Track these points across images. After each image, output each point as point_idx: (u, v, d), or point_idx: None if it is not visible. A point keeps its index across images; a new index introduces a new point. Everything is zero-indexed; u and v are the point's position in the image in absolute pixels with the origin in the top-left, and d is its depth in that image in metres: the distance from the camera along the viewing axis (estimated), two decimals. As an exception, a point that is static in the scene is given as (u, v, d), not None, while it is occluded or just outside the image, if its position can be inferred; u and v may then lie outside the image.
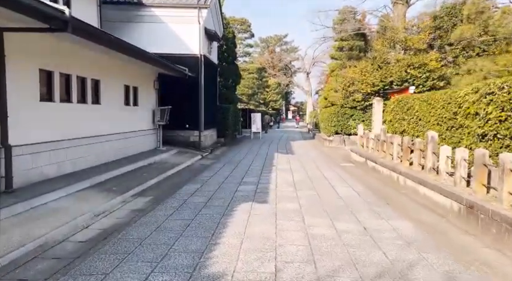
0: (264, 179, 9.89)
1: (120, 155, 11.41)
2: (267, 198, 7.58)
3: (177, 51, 15.92)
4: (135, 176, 9.66)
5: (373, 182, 9.65)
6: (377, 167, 10.82)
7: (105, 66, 10.49)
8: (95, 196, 7.33)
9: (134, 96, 12.87)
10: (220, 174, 10.77)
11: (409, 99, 11.68)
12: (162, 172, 10.60)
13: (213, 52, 19.73)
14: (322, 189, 8.56)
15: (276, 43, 67.30)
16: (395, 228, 5.60)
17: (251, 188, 8.66)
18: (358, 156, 13.27)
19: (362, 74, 19.88)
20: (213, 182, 9.49)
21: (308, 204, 7.07)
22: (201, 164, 13.15)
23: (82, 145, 9.20)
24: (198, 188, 8.72)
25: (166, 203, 7.22)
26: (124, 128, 11.78)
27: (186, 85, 16.16)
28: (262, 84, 45.05)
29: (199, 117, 16.75)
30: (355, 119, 20.61)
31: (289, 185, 9.06)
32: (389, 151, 10.64)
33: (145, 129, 13.75)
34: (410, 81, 18.39)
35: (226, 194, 7.97)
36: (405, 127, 11.77)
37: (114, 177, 9.22)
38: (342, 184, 9.33)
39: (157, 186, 9.02)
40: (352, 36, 33.82)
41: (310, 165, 12.79)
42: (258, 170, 11.57)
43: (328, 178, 10.21)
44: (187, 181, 9.61)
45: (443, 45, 20.11)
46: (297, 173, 10.82)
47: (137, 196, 7.88)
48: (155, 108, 14.60)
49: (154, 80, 14.75)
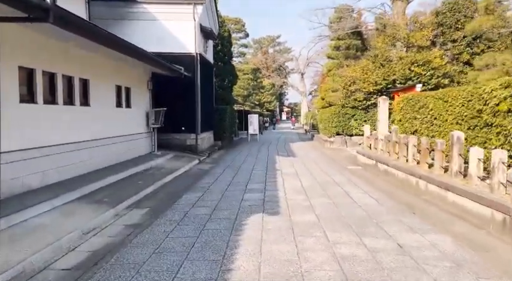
0: (270, 185, 9.09)
1: (113, 161, 10.53)
2: (278, 208, 6.77)
3: (172, 50, 15.05)
4: (129, 184, 8.80)
5: (388, 187, 8.89)
6: (390, 170, 10.08)
7: (95, 64, 9.62)
8: (83, 210, 6.47)
9: (127, 98, 12.01)
10: (221, 180, 9.94)
11: (421, 97, 10.97)
12: (159, 178, 9.75)
13: (209, 51, 18.91)
14: (336, 196, 7.78)
15: (269, 44, 66.61)
16: (434, 244, 4.83)
17: (258, 196, 7.85)
18: (366, 158, 12.52)
19: (363, 72, 19.18)
20: (215, 189, 8.66)
21: (326, 215, 6.27)
22: (199, 169, 12.31)
23: (69, 151, 8.32)
24: (200, 197, 7.88)
25: (166, 216, 6.38)
26: (116, 131, 10.91)
27: (181, 85, 15.30)
28: (257, 85, 44.30)
29: (196, 119, 15.90)
30: (357, 119, 19.92)
31: (299, 192, 8.27)
32: (403, 153, 9.89)
33: (139, 132, 12.88)
34: (414, 79, 17.76)
35: (231, 204, 7.15)
36: (417, 127, 11.05)
37: (106, 186, 8.35)
38: (356, 189, 8.56)
39: (154, 195, 8.17)
40: (349, 35, 33.18)
41: (315, 168, 12.02)
42: (261, 175, 10.76)
43: (339, 182, 9.44)
44: (187, 189, 8.78)
45: (446, 41, 19.51)
46: (304, 178, 10.03)
47: (132, 208, 7.03)
48: (149, 110, 13.74)
49: (148, 80, 13.89)
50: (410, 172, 8.67)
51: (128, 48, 8.98)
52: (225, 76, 22.10)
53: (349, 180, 9.85)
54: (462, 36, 18.69)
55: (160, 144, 14.87)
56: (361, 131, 19.84)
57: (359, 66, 20.21)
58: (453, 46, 19.27)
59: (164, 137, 15.48)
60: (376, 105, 19.56)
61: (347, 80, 20.28)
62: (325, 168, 12.18)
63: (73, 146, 8.48)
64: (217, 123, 19.58)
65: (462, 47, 18.96)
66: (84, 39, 7.33)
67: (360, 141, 19.89)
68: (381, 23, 24.95)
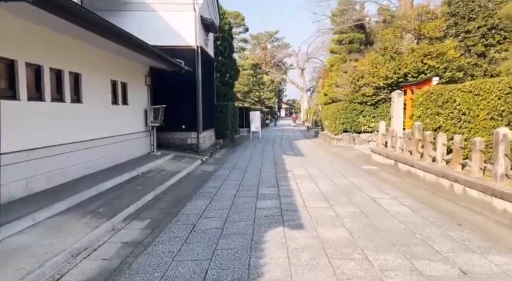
0: (284, 189, 8.15)
1: (108, 164, 9.57)
2: (299, 220, 5.84)
3: (171, 43, 14.06)
4: (126, 190, 7.85)
5: (417, 191, 7.97)
6: (414, 171, 9.16)
7: (87, 56, 8.64)
8: (73, 224, 5.52)
9: (123, 94, 11.02)
10: (228, 184, 9.00)
11: (445, 91, 10.04)
12: (160, 183, 8.80)
13: (210, 44, 17.91)
14: (363, 203, 6.85)
15: (267, 40, 65.62)
16: (506, 270, 3.91)
17: (273, 203, 6.92)
18: (383, 157, 11.60)
19: (373, 66, 18.23)
20: (223, 195, 7.72)
21: (358, 228, 5.34)
22: (202, 170, 11.36)
23: (58, 154, 7.36)
24: (207, 205, 6.94)
25: (170, 231, 5.44)
26: (112, 131, 9.94)
27: (181, 81, 14.34)
28: (257, 81, 43.27)
29: (197, 116, 14.93)
30: (366, 115, 19.00)
31: (319, 198, 7.34)
32: (429, 152, 8.98)
33: (137, 131, 11.91)
34: (427, 72, 16.83)
35: (244, 214, 6.21)
36: (441, 123, 10.12)
37: (100, 193, 7.39)
38: (382, 194, 7.64)
39: (155, 203, 7.22)
40: (352, 29, 32.27)
41: (329, 169, 11.09)
42: (271, 177, 9.83)
43: (360, 186, 8.52)
44: (191, 195, 7.83)
45: (459, 32, 18.57)
46: (320, 181, 9.10)
47: (130, 220, 6.09)
48: (148, 108, 12.76)
49: (146, 75, 12.90)
50: (442, 173, 7.75)
51: (123, 37, 8.00)
52: (226, 71, 21.11)
53: (370, 183, 8.93)
54: (477, 27, 17.75)
55: (160, 143, 13.93)
56: (369, 128, 18.99)
57: (367, 60, 19.26)
58: (466, 37, 18.34)
59: (164, 136, 14.55)
60: (385, 100, 18.69)
61: (355, 75, 19.34)
62: (339, 168, 11.26)
63: (63, 148, 7.51)
64: (218, 121, 18.62)
65: (477, 38, 18.02)
66: (74, 26, 6.37)
67: (369, 138, 19.04)
68: (388, 15, 23.95)
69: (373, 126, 18.89)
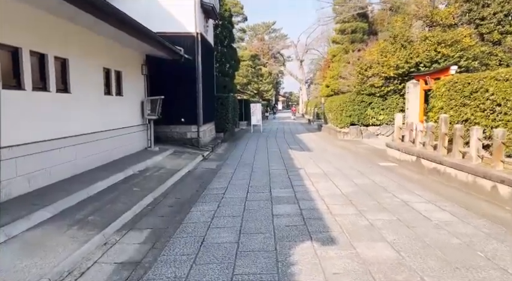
0: (301, 191, 7.20)
1: (101, 161, 8.57)
2: (328, 231, 4.89)
3: (169, 30, 12.97)
4: (121, 192, 6.86)
5: (451, 192, 7.04)
6: (442, 170, 8.24)
7: (76, 39, 7.59)
8: (57, 238, 4.55)
9: (117, 84, 9.98)
10: (235, 184, 8.04)
11: (474, 80, 9.08)
12: (159, 183, 7.82)
13: (209, 32, 16.83)
14: (396, 209, 5.91)
15: (265, 31, 64.35)
16: None
17: (292, 209, 5.97)
18: (402, 153, 10.68)
19: (382, 55, 17.24)
20: (232, 198, 6.76)
21: (405, 245, 4.40)
22: (205, 168, 10.39)
23: (42, 152, 6.35)
24: (215, 211, 5.98)
25: (174, 247, 4.48)
26: (105, 124, 8.93)
27: (180, 71, 13.31)
28: (256, 73, 42.12)
29: (198, 109, 13.92)
30: (374, 107, 18.05)
31: (343, 201, 6.40)
32: (459, 148, 8.06)
33: (133, 125, 10.89)
34: (441, 61, 15.88)
35: (261, 223, 5.26)
36: (469, 115, 9.18)
37: (90, 197, 6.40)
38: (412, 196, 6.71)
39: (154, 208, 6.25)
40: (355, 18, 31.20)
41: (343, 166, 10.16)
42: (282, 175, 8.88)
43: (384, 186, 7.60)
44: (196, 198, 6.87)
45: (474, 19, 17.58)
46: (338, 180, 8.17)
47: (126, 231, 5.12)
48: (144, 99, 11.72)
49: (142, 64, 11.84)
50: (482, 173, 6.82)
51: (117, 16, 6.95)
52: (226, 61, 20.02)
53: (394, 182, 8.01)
54: (492, 13, 16.78)
55: (157, 138, 12.93)
56: (378, 120, 18.07)
57: (375, 49, 18.26)
58: (481, 24, 17.36)
59: (161, 130, 13.56)
60: (395, 91, 17.75)
61: (363, 64, 18.35)
62: (354, 165, 10.33)
63: (47, 144, 6.50)
64: (219, 114, 17.61)
65: (492, 25, 17.05)
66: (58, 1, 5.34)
67: (377, 132, 18.12)
68: (395, 1, 22.90)
69: (381, 119, 17.97)
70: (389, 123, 17.99)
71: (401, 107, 17.77)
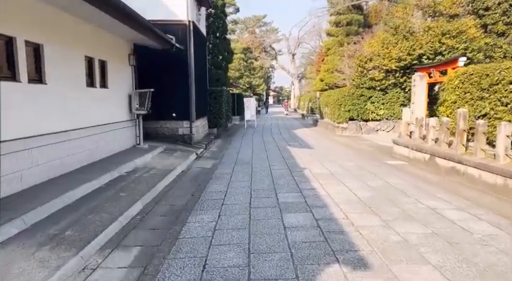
0: (311, 196, 6.37)
1: (83, 162, 7.62)
2: (356, 251, 4.06)
3: (158, 17, 11.93)
4: (105, 199, 5.94)
5: (479, 196, 6.28)
6: (463, 170, 7.49)
7: (52, 22, 6.60)
8: (21, 263, 3.64)
9: (102, 74, 8.99)
10: (236, 186, 7.18)
11: (494, 71, 8.35)
12: (149, 186, 6.91)
13: (202, 21, 15.83)
14: (426, 218, 5.12)
15: (255, 24, 63.14)
16: None
17: (305, 219, 5.13)
18: (411, 150, 9.92)
19: (384, 46, 16.46)
20: (234, 205, 5.90)
21: (454, 269, 3.59)
22: (200, 167, 9.50)
23: (12, 153, 5.39)
24: (216, 221, 5.11)
25: (170, 273, 3.62)
26: (88, 120, 7.97)
27: (171, 61, 12.36)
28: (248, 66, 41.09)
29: (190, 103, 12.97)
30: (374, 101, 17.32)
31: (362, 208, 5.59)
32: (482, 145, 7.31)
33: (120, 120, 9.93)
34: (445, 53, 15.17)
35: (273, 239, 4.40)
36: (487, 110, 8.46)
37: (68, 206, 5.47)
38: (438, 202, 5.93)
39: (144, 219, 5.35)
40: (350, 9, 30.37)
41: (350, 165, 9.36)
42: (286, 177, 8.04)
43: (401, 188, 6.81)
44: (192, 205, 5.99)
45: (478, 10, 16.90)
46: (349, 182, 7.36)
47: (110, 249, 4.23)
48: (132, 92, 10.73)
49: (130, 54, 10.83)
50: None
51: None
52: (218, 53, 19.02)
53: (410, 183, 7.23)
54: (497, 3, 16.10)
55: (147, 134, 11.99)
56: (378, 115, 17.36)
57: (376, 40, 17.48)
58: (485, 15, 16.69)
59: (151, 126, 12.60)
60: (396, 85, 17.03)
61: (362, 57, 17.56)
62: (361, 164, 9.55)
63: (17, 144, 5.54)
64: (212, 108, 16.67)
65: (497, 16, 16.40)
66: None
67: (377, 127, 17.43)
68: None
69: (381, 114, 17.26)
70: (389, 118, 17.30)
71: (402, 101, 17.09)
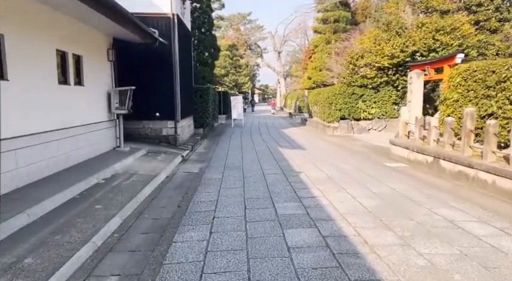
0: (313, 206, 5.70)
1: (55, 168, 6.79)
2: (378, 278, 3.41)
3: (140, 10, 11.12)
4: (78, 213, 5.15)
5: (503, 207, 5.69)
6: (472, 174, 6.94)
7: (16, 10, 5.74)
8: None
9: (77, 70, 8.14)
10: (227, 195, 6.46)
11: (501, 67, 7.83)
12: (129, 196, 6.13)
13: (186, 15, 15.02)
14: (449, 234, 4.51)
15: (240, 21, 62.32)
16: None
17: (311, 237, 4.44)
18: (411, 152, 9.38)
19: (376, 43, 15.96)
20: (227, 219, 5.18)
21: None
22: (186, 172, 8.74)
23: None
24: (207, 241, 4.38)
25: (152, 317, 2.88)
26: (61, 121, 7.13)
27: (154, 57, 11.57)
28: (234, 64, 40.26)
29: (175, 102, 12.17)
30: (365, 100, 16.82)
31: (373, 222, 4.94)
32: (493, 148, 6.78)
33: (98, 121, 9.08)
34: (439, 50, 14.77)
35: (277, 267, 3.70)
36: (495, 109, 7.95)
37: (34, 223, 4.67)
38: (453, 212, 5.35)
39: (122, 238, 4.58)
40: (337, 6, 29.89)
41: (348, 168, 8.76)
42: (282, 182, 7.36)
43: (409, 195, 6.22)
44: (178, 219, 5.24)
45: (470, 6, 16.57)
46: (351, 188, 6.73)
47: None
48: (111, 90, 9.88)
49: (109, 48, 9.97)
50: (536, 181, 5.53)
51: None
52: (204, 49, 18.21)
53: (420, 191, 6.64)
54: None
55: (128, 135, 11.17)
56: (370, 114, 16.88)
57: (367, 37, 16.97)
58: (478, 11, 16.38)
59: (132, 126, 11.79)
60: (388, 83, 16.57)
61: (354, 54, 17.02)
62: (359, 166, 8.95)
63: (-29, 151, 4.71)
64: (198, 107, 15.87)
65: (490, 12, 16.10)
66: None
67: (369, 126, 16.94)
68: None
69: (373, 113, 16.78)
70: (381, 117, 16.84)
71: (394, 99, 16.66)
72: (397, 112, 16.61)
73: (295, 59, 57.98)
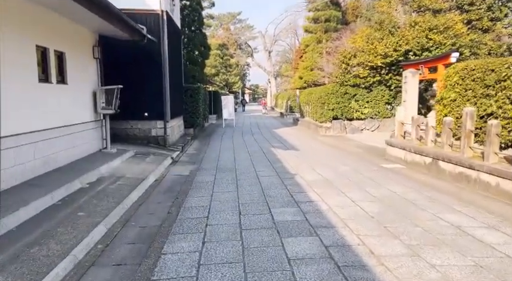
0: (311, 212, 5.38)
1: (36, 172, 6.35)
2: (389, 294, 3.10)
3: (127, 6, 10.67)
4: (59, 221, 4.74)
5: (508, 210, 5.44)
6: (474, 176, 6.71)
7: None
8: None
9: (59, 68, 7.70)
10: (220, 200, 6.11)
11: (501, 66, 7.62)
12: (116, 202, 5.74)
13: (176, 12, 14.60)
14: (459, 242, 4.23)
15: (230, 21, 62.00)
16: None
17: (312, 247, 4.12)
18: (408, 152, 9.14)
19: (368, 42, 15.75)
20: (221, 227, 4.82)
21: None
22: (176, 175, 8.35)
23: None
24: (199, 253, 4.03)
25: None
26: (43, 121, 6.70)
27: (143, 55, 11.17)
28: (225, 63, 39.83)
29: (164, 101, 11.77)
30: (358, 100, 16.61)
31: (376, 229, 4.64)
32: (495, 149, 6.55)
33: (83, 121, 8.64)
34: (433, 49, 14.62)
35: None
36: (494, 109, 7.73)
37: (9, 233, 4.26)
38: (463, 218, 5.07)
39: (106, 250, 4.20)
40: (328, 5, 29.71)
41: (345, 170, 8.47)
42: (277, 185, 7.04)
43: (410, 199, 5.95)
44: (168, 227, 4.87)
45: (463, 5, 16.47)
46: (349, 191, 6.44)
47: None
48: (97, 89, 9.44)
49: (94, 46, 9.52)
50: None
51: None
52: (195, 47, 17.79)
53: (421, 193, 6.37)
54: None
55: (115, 136, 10.75)
56: (363, 114, 16.68)
57: (360, 36, 16.76)
58: (470, 10, 16.28)
59: (120, 127, 11.37)
60: (380, 82, 16.39)
61: (346, 53, 16.80)
62: (355, 167, 8.68)
63: None
64: (188, 107, 15.47)
65: (482, 11, 16.02)
66: None
67: (362, 126, 16.74)
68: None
69: (366, 113, 16.59)
70: (374, 117, 16.66)
71: (387, 99, 16.49)
72: (389, 112, 16.46)
73: (285, 58, 57.81)
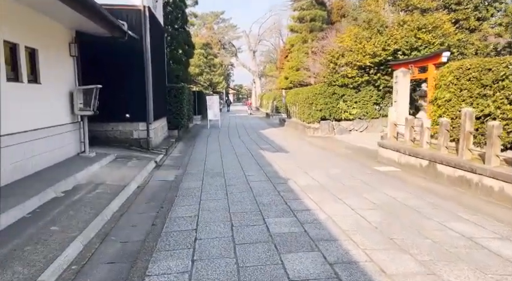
0: (310, 222, 4.96)
1: (6, 179, 5.74)
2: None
3: (108, 1, 10.04)
4: (27, 239, 4.18)
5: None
6: (476, 180, 6.41)
7: None
8: None
9: (32, 66, 7.08)
10: (209, 209, 5.62)
11: (499, 65, 7.38)
12: (93, 213, 5.19)
13: (159, 9, 14.02)
14: (475, 256, 3.87)
15: (213, 20, 61.30)
16: None
17: (316, 265, 3.69)
18: (402, 154, 8.84)
19: (357, 41, 15.49)
20: (212, 241, 4.35)
21: None
22: (160, 180, 7.82)
23: None
24: (189, 274, 3.55)
25: None
26: (13, 124, 6.07)
27: (123, 53, 10.58)
28: (209, 63, 39.20)
29: (147, 102, 11.19)
30: (346, 100, 16.34)
31: (383, 242, 4.24)
32: (496, 151, 6.27)
33: (58, 124, 8.01)
34: (421, 48, 14.45)
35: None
36: (492, 109, 7.49)
37: (-35, 256, 3.69)
38: (472, 228, 4.74)
39: (82, 272, 3.67)
40: (313, 5, 29.49)
41: (339, 174, 8.10)
42: (269, 192, 6.60)
43: (411, 205, 5.60)
44: (152, 242, 4.36)
45: (450, 4, 16.39)
46: (347, 197, 6.05)
47: None
48: (74, 89, 8.81)
49: (71, 42, 8.89)
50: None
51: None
52: (178, 46, 17.19)
53: (422, 199, 6.03)
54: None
55: (94, 139, 10.12)
56: (351, 115, 16.42)
57: (347, 35, 16.49)
58: (457, 10, 16.21)
59: (99, 129, 10.75)
60: (368, 82, 16.16)
61: (334, 52, 16.50)
62: (349, 171, 8.32)
63: None
64: (172, 108, 14.90)
65: (469, 11, 15.96)
66: None
67: (351, 127, 16.47)
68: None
69: (354, 113, 16.33)
70: (362, 117, 16.42)
71: (375, 99, 16.28)
72: (378, 113, 16.25)
73: (269, 58, 57.48)
